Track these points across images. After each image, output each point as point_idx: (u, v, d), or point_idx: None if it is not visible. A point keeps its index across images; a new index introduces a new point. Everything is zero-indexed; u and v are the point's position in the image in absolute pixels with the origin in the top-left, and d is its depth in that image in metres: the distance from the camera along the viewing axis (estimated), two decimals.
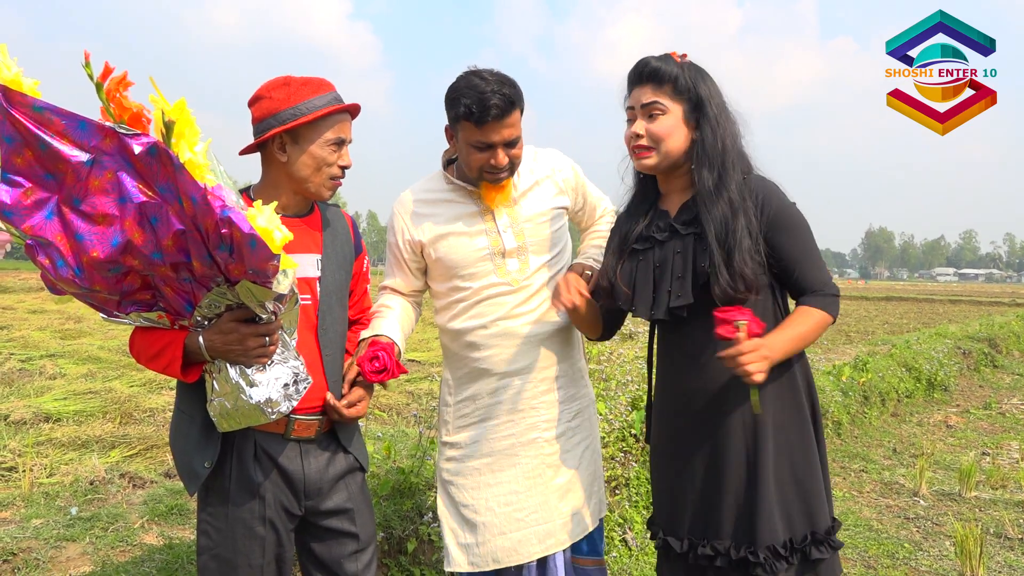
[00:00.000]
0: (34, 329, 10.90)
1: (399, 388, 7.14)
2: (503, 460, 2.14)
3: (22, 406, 5.74)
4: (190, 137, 1.40)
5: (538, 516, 2.11)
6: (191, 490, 1.75)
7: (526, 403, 2.15)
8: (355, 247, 2.02)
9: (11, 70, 1.31)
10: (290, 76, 1.81)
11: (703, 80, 1.85)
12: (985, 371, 10.29)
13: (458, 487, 2.19)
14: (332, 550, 1.88)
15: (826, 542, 1.79)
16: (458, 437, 2.21)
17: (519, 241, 2.15)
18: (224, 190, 1.41)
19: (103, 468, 3.80)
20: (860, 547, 3.93)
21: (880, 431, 6.69)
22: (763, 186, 1.82)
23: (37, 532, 2.75)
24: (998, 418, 7.39)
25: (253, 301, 1.54)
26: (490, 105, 1.93)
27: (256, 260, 1.42)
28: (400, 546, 2.99)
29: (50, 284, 1.50)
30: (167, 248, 1.44)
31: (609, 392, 4.60)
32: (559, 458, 2.16)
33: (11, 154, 1.34)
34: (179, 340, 1.62)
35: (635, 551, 3.67)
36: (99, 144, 1.36)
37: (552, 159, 2.27)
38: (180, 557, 2.61)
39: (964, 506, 4.60)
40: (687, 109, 1.84)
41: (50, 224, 1.40)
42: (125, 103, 1.39)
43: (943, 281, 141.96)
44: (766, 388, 1.76)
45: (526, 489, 2.12)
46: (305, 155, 1.79)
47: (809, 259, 1.83)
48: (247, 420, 1.66)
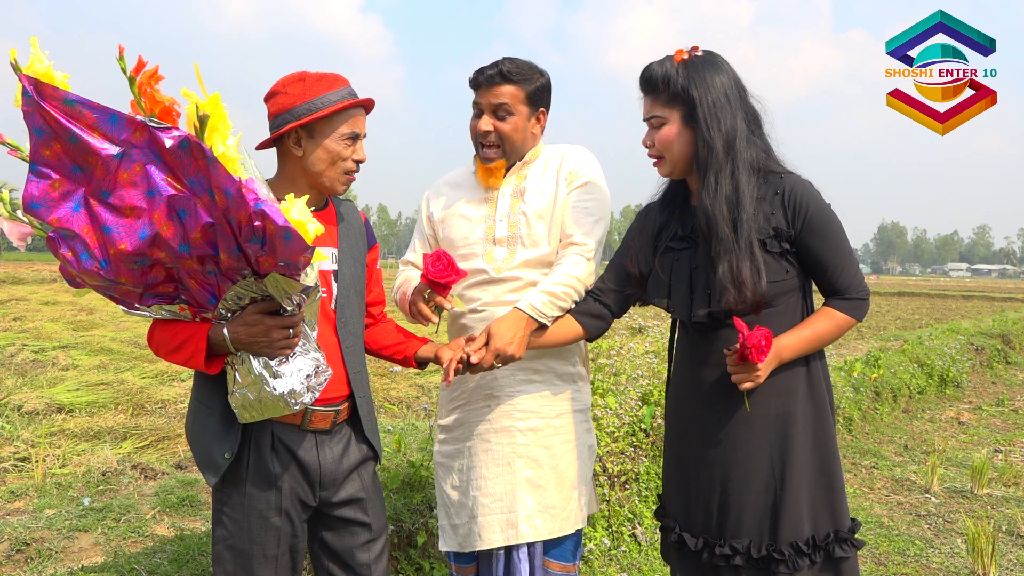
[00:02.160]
0: (47, 320, 11.00)
1: (409, 381, 7.16)
2: (478, 444, 2.17)
3: (35, 397, 5.79)
4: (223, 131, 1.41)
5: (502, 505, 2.12)
6: (211, 481, 1.76)
7: (503, 391, 2.16)
8: (368, 239, 2.05)
9: (43, 63, 1.32)
10: (305, 72, 1.83)
11: (700, 78, 1.78)
12: (998, 367, 10.22)
13: (446, 469, 2.25)
14: (344, 540, 1.90)
15: (849, 540, 1.78)
16: (446, 420, 2.27)
17: (511, 231, 2.17)
18: (256, 183, 1.42)
19: (115, 459, 3.83)
20: (871, 544, 3.91)
21: (892, 427, 6.65)
22: (799, 187, 1.78)
23: (50, 522, 2.77)
24: (1011, 415, 7.34)
25: (281, 293, 1.55)
26: (485, 70, 2.15)
27: (290, 252, 1.43)
28: (410, 539, 2.99)
29: (69, 277, 1.50)
30: (195, 241, 1.45)
31: (620, 387, 4.60)
32: (531, 451, 2.14)
33: (40, 146, 1.35)
34: (202, 332, 1.63)
35: (644, 546, 3.67)
36: (129, 137, 1.37)
37: (577, 162, 2.21)
38: (191, 548, 2.62)
39: (976, 503, 4.58)
40: (685, 113, 1.80)
41: (77, 216, 1.40)
42: (157, 97, 1.40)
43: (956, 276, 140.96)
44: (797, 385, 1.79)
45: (494, 476, 2.14)
46: (320, 149, 1.81)
47: (841, 261, 1.80)
48: (270, 411, 1.68)
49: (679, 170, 1.87)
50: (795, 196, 1.76)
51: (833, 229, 1.78)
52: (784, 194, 1.77)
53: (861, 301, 1.82)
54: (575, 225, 2.13)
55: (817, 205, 1.77)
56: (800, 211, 1.75)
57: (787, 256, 1.77)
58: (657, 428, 4.18)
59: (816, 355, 1.84)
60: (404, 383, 7.05)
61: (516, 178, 2.22)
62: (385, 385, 6.85)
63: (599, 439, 3.75)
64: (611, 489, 3.73)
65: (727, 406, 1.82)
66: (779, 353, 1.74)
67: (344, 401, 1.88)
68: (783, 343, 1.74)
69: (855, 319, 1.82)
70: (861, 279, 1.83)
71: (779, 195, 1.77)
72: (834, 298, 1.82)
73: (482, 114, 2.17)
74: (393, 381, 7.06)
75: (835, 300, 1.81)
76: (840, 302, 1.81)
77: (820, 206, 1.77)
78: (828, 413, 1.84)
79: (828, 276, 1.80)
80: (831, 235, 1.78)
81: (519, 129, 2.16)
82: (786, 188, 1.77)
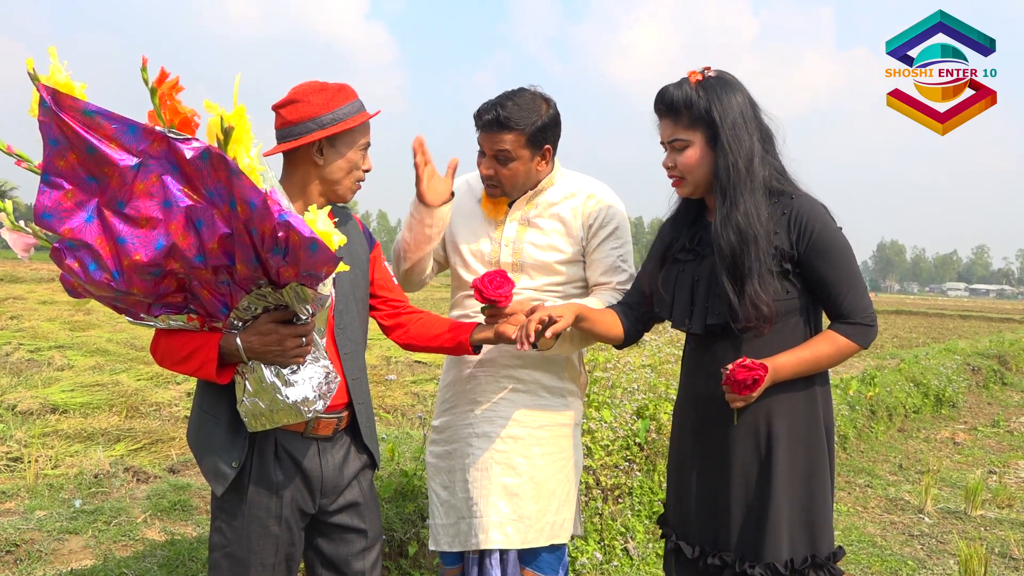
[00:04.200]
0: (44, 320, 10.97)
1: (405, 389, 7.15)
2: (462, 448, 2.21)
3: (29, 397, 5.77)
4: (246, 143, 1.43)
5: (478, 508, 2.14)
6: (218, 491, 1.76)
7: (486, 396, 2.19)
8: (368, 242, 2.05)
9: (62, 73, 1.32)
10: (323, 82, 1.86)
11: (718, 100, 1.80)
12: (994, 388, 10.22)
13: (435, 469, 2.28)
14: (339, 548, 1.89)
15: (826, 567, 1.77)
16: (437, 421, 2.32)
17: (515, 258, 2.20)
18: (279, 194, 1.44)
19: (107, 461, 3.82)
20: (863, 563, 3.90)
21: (886, 446, 6.65)
22: (807, 208, 1.79)
23: (40, 524, 2.76)
24: (1006, 436, 7.34)
25: (297, 303, 1.56)
26: (483, 115, 2.10)
27: (314, 263, 1.44)
28: (401, 549, 2.99)
29: (71, 288, 1.49)
30: (212, 251, 1.46)
31: (615, 400, 4.59)
32: (510, 458, 2.15)
33: (54, 157, 1.35)
34: (213, 342, 1.62)
35: (636, 561, 3.65)
36: (147, 148, 1.37)
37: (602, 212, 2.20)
38: (182, 553, 2.61)
39: (969, 525, 4.57)
40: (708, 135, 1.82)
41: (90, 227, 1.40)
42: (178, 108, 1.41)
43: (954, 296, 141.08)
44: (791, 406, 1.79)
45: (473, 480, 2.16)
46: (342, 159, 1.85)
47: (847, 285, 1.79)
48: (281, 419, 1.68)
49: (700, 190, 1.89)
50: (801, 218, 1.77)
51: (839, 252, 1.78)
52: (791, 215, 1.78)
53: (867, 328, 1.81)
54: (612, 274, 2.20)
55: (824, 227, 1.77)
56: (805, 233, 1.76)
57: (788, 277, 1.78)
58: (652, 443, 4.17)
59: (818, 378, 1.85)
60: (400, 391, 7.04)
61: (525, 207, 2.23)
62: (380, 393, 6.84)
63: (593, 451, 3.74)
64: (604, 503, 3.72)
65: (720, 419, 1.84)
66: (775, 372, 1.74)
67: (345, 409, 1.88)
68: (779, 362, 1.75)
69: (859, 345, 1.81)
70: (868, 305, 1.81)
71: (786, 215, 1.79)
72: (838, 322, 1.82)
73: (483, 153, 2.16)
74: (388, 389, 7.04)
75: (839, 324, 1.82)
76: (844, 326, 1.81)
77: (827, 228, 1.78)
78: (821, 437, 1.83)
79: (832, 299, 1.80)
80: (837, 258, 1.78)
81: (519, 173, 2.15)
82: (794, 209, 1.78)
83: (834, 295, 1.80)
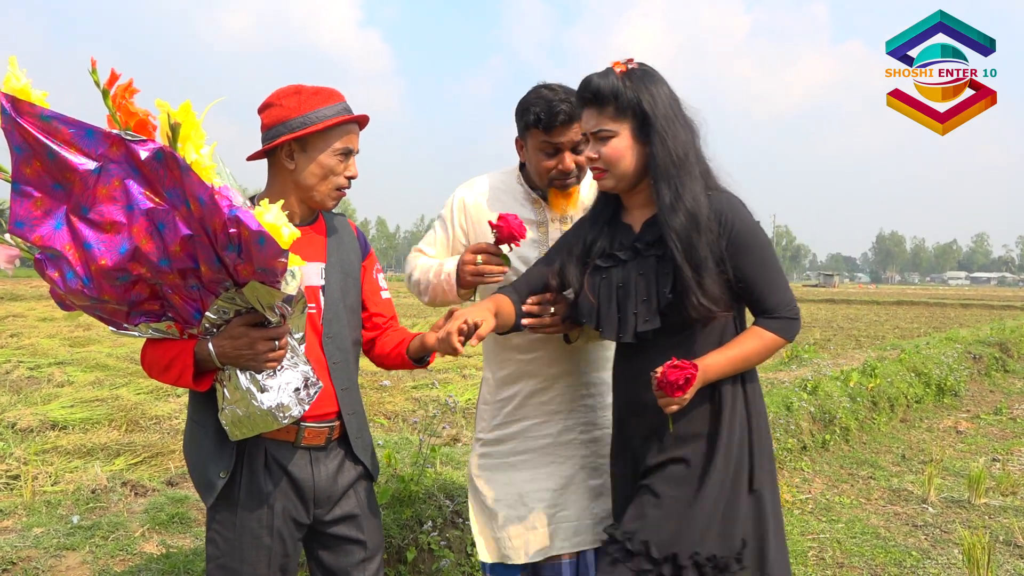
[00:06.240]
0: (43, 337, 10.98)
1: (405, 395, 7.14)
2: (539, 458, 2.21)
3: (29, 414, 5.77)
4: (196, 139, 1.41)
5: (569, 514, 2.18)
6: (207, 501, 1.75)
7: (565, 405, 2.21)
8: (362, 250, 2.02)
9: (20, 80, 1.33)
10: (301, 85, 1.82)
11: (647, 90, 1.76)
12: (996, 376, 10.20)
13: (493, 482, 2.24)
14: (339, 559, 1.88)
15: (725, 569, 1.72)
16: (494, 434, 2.27)
17: None
18: (231, 190, 1.42)
19: (105, 476, 3.81)
20: (867, 555, 3.89)
21: (889, 437, 6.63)
22: (726, 204, 1.76)
23: (37, 541, 2.75)
24: (1008, 424, 7.32)
25: (263, 303, 1.54)
26: (558, 111, 2.03)
27: (264, 258, 1.42)
28: (400, 555, 2.98)
29: (59, 299, 1.49)
30: (175, 254, 1.45)
31: None
32: (595, 461, 2.21)
33: (21, 164, 1.36)
34: (189, 349, 1.61)
35: None
36: (106, 152, 1.37)
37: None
38: (177, 566, 2.60)
39: (973, 513, 4.55)
40: (635, 125, 1.77)
41: (59, 234, 1.40)
42: (131, 109, 1.40)
43: (955, 285, 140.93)
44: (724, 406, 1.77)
45: (560, 487, 2.19)
46: (313, 164, 1.80)
47: (770, 280, 1.78)
48: (259, 427, 1.66)
49: (624, 184, 1.84)
50: (721, 214, 1.74)
51: (760, 247, 1.77)
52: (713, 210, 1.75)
53: (790, 320, 1.80)
54: None
55: (743, 223, 1.75)
56: (725, 229, 1.73)
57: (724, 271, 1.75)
58: None
59: (748, 376, 1.83)
60: (400, 396, 7.03)
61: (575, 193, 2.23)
62: (380, 399, 6.83)
63: None
64: None
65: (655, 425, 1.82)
66: (704, 372, 1.70)
67: (336, 418, 1.86)
68: (708, 362, 1.72)
69: (784, 339, 1.80)
70: (790, 299, 1.81)
71: None
72: (763, 317, 1.80)
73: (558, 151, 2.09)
74: (389, 395, 7.03)
75: (764, 319, 1.80)
76: (769, 321, 1.79)
77: (746, 224, 1.76)
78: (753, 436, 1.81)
79: (756, 295, 1.79)
80: (757, 253, 1.76)
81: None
82: (712, 206, 1.75)
83: (757, 291, 1.78)
